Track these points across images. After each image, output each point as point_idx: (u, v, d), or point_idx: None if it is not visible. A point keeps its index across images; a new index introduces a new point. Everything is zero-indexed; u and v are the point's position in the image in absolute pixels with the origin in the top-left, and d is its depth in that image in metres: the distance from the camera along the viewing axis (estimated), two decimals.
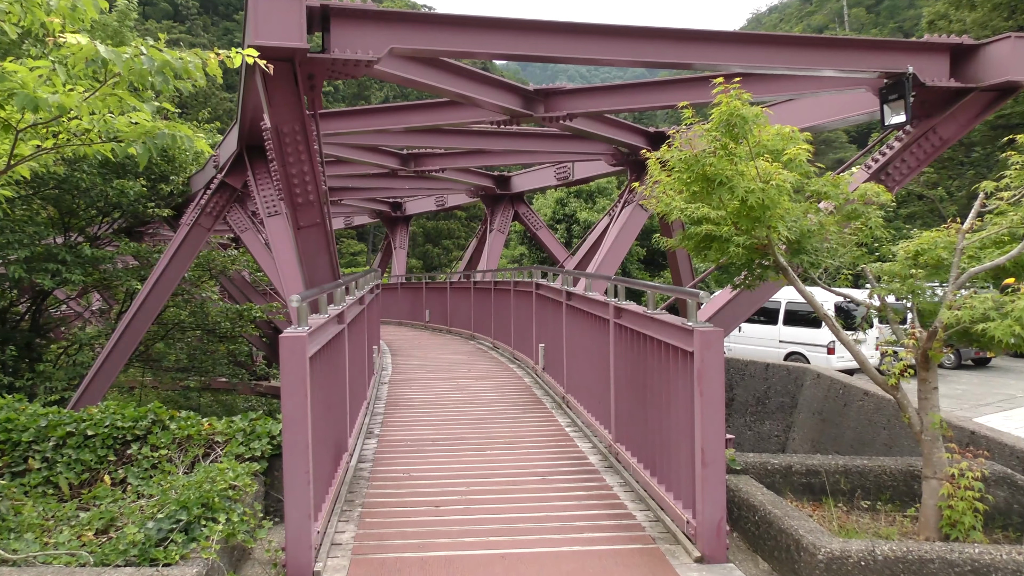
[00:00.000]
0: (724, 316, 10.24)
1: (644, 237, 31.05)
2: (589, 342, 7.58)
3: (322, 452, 5.08)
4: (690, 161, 5.56)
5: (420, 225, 51.87)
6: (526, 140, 14.62)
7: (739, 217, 5.57)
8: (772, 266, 6.01)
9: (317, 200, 8.32)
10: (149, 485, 5.64)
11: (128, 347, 13.26)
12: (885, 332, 16.48)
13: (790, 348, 19.63)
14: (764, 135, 5.61)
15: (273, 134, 7.86)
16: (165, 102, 5.42)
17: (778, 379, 14.37)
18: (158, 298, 13.39)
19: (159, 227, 19.80)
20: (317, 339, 4.96)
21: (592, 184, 35.74)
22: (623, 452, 6.28)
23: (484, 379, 11.01)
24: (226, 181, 13.24)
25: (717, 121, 5.47)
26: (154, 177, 15.39)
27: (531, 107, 10.54)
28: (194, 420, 6.57)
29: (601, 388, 7.09)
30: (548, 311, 9.95)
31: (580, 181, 18.56)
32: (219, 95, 45.99)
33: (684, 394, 4.83)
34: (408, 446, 7.22)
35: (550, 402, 9.16)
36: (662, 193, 6.02)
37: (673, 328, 5.02)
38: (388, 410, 8.92)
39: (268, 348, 21.00)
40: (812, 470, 6.21)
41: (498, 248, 20.25)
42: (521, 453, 6.91)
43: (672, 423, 5.09)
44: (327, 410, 5.41)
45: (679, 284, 15.36)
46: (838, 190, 5.96)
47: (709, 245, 5.96)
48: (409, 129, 12.52)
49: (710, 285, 31.76)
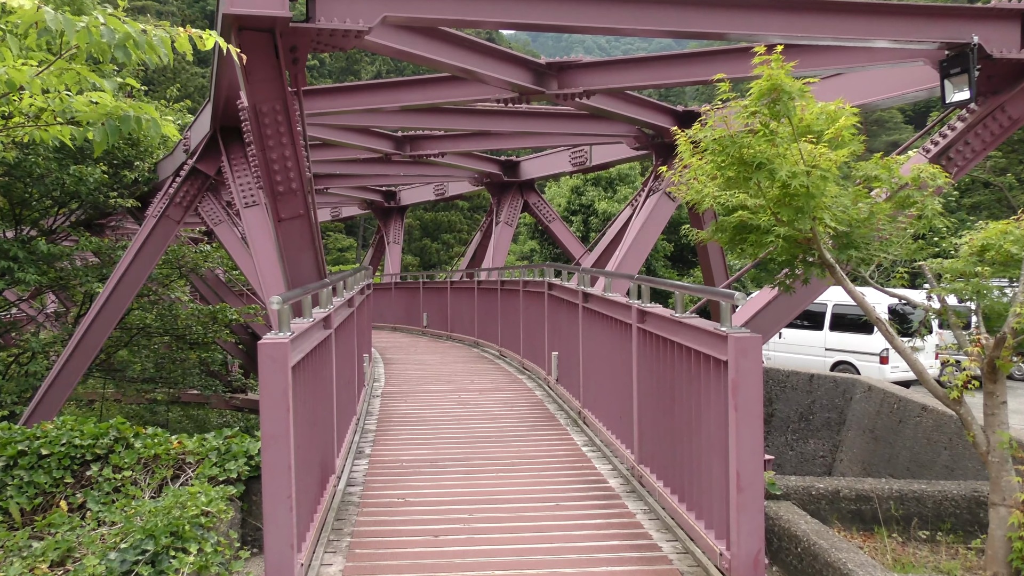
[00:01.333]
0: (762, 320, 10.21)
1: (671, 230, 31.01)
2: (609, 350, 7.57)
3: (306, 474, 5.08)
4: (725, 142, 5.55)
5: (417, 217, 51.91)
6: (537, 120, 14.61)
7: (780, 206, 5.56)
8: (817, 262, 5.99)
9: (301, 189, 8.34)
10: (111, 511, 5.66)
11: (87, 355, 13.31)
12: (946, 338, 16.39)
13: (838, 357, 19.56)
14: (809, 113, 5.59)
15: (251, 114, 7.88)
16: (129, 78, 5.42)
17: (824, 392, 14.33)
18: (121, 300, 13.44)
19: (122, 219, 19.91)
20: (300, 346, 4.97)
21: (612, 170, 35.72)
22: (647, 475, 6.27)
23: (489, 392, 11.01)
24: (198, 167, 13.28)
25: (757, 96, 5.45)
26: (116, 163, 15.46)
27: (543, 83, 10.53)
28: (162, 438, 6.59)
29: (622, 402, 7.08)
30: (562, 315, 9.94)
31: (599, 167, 18.53)
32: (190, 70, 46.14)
33: (717, 409, 4.82)
34: (403, 468, 7.22)
35: (564, 418, 9.15)
36: (692, 179, 6.02)
37: (704, 334, 5.01)
38: (381, 427, 8.93)
39: (245, 356, 21.07)
40: (863, 495, 6.19)
41: (505, 243, 20.25)
42: (531, 476, 6.90)
43: (703, 442, 5.08)
44: (312, 427, 5.42)
45: (711, 284, 15.33)
46: (891, 174, 5.94)
47: (745, 238, 5.94)
48: (405, 108, 12.52)
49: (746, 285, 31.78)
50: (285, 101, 7.78)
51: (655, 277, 6.73)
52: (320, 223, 16.39)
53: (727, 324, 4.76)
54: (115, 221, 19.87)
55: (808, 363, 19.15)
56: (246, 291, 21.57)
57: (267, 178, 8.24)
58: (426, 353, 16.11)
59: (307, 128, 8.73)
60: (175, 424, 20.07)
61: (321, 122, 13.60)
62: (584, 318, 8.61)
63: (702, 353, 5.04)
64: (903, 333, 18.74)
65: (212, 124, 12.14)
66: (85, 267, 15.29)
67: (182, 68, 44.80)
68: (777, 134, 5.49)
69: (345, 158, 18.07)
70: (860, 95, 11.18)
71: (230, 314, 16.33)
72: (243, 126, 9.54)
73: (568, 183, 37.67)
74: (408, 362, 14.60)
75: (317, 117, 12.68)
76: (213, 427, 19.48)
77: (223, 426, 18.15)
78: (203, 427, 19.96)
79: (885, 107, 12.77)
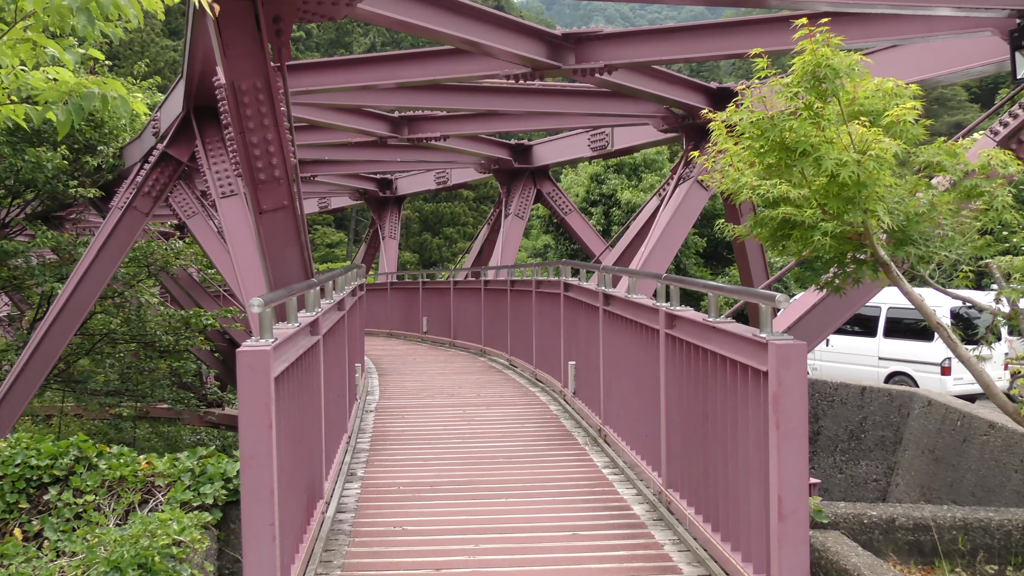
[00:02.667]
0: (807, 325, 10.19)
1: (704, 224, 30.93)
2: (633, 359, 7.56)
3: (291, 499, 5.09)
4: (765, 125, 5.54)
5: (416, 208, 52.02)
6: (552, 99, 14.59)
7: (827, 197, 5.54)
8: (869, 260, 5.97)
9: (285, 176, 8.36)
10: (71, 540, 5.68)
11: (44, 364, 13.36)
12: (1017, 347, 16.31)
13: (893, 367, 19.48)
14: (860, 91, 5.58)
15: (229, 92, 7.89)
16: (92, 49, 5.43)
17: (877, 407, 14.28)
18: (83, 302, 13.48)
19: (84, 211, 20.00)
20: (284, 354, 4.98)
21: (637, 155, 35.65)
22: (676, 500, 6.26)
23: (497, 406, 11.02)
24: (169, 152, 13.31)
25: (800, 73, 5.44)
26: (77, 147, 15.52)
27: (558, 57, 10.52)
28: (128, 458, 6.60)
29: (648, 418, 7.08)
30: (580, 319, 9.94)
31: (622, 152, 18.51)
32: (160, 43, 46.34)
33: (756, 426, 4.81)
34: (400, 492, 7.23)
35: (582, 436, 9.15)
36: (728, 166, 6.01)
37: (742, 341, 5.00)
38: (375, 446, 8.94)
39: (222, 366, 21.13)
40: (921, 524, 6.17)
41: (516, 238, 20.25)
42: (545, 502, 6.90)
43: (740, 463, 5.07)
44: (298, 445, 5.43)
45: (749, 284, 15.30)
46: (955, 160, 5.92)
47: (788, 234, 5.93)
48: (402, 85, 12.54)
49: (789, 286, 31.70)
50: (267, 77, 7.80)
51: (686, 276, 6.73)
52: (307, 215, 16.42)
53: (767, 330, 4.75)
54: (76, 213, 19.97)
55: (859, 374, 19.09)
56: (223, 292, 21.61)
57: (247, 164, 8.26)
58: (426, 363, 16.12)
59: (292, 108, 8.75)
60: (143, 442, 20.14)
61: (308, 101, 13.62)
62: (605, 323, 8.60)
63: (739, 363, 5.02)
64: (968, 340, 18.62)
65: (185, 103, 12.16)
66: (42, 265, 15.38)
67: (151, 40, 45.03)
68: (823, 116, 5.47)
69: (335, 142, 18.10)
70: (918, 70, 11.14)
71: (205, 319, 16.37)
72: (220, 106, 9.57)
73: (587, 170, 37.64)
74: (406, 373, 14.61)
75: (304, 96, 12.70)
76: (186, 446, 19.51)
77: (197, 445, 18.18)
78: (175, 446, 20.01)
79: (947, 84, 12.72)
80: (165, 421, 20.49)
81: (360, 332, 12.11)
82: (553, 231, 38.92)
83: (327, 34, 62.62)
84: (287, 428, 5.00)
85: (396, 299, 22.52)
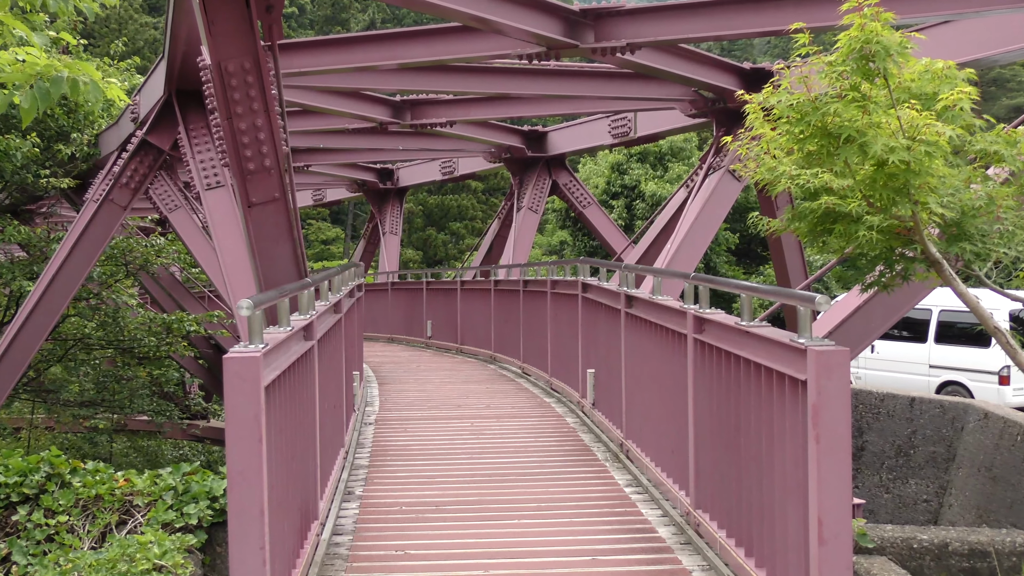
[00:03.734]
0: (851, 330, 10.17)
1: (736, 218, 30.89)
2: (658, 366, 7.56)
3: (283, 520, 5.11)
4: (805, 108, 5.53)
5: (420, 202, 52.08)
6: (569, 81, 14.58)
7: (874, 187, 5.53)
8: (919, 258, 5.96)
9: (275, 166, 8.38)
10: (42, 565, 5.71)
11: (12, 372, 13.42)
12: None
13: (945, 376, 19.41)
14: (908, 72, 5.56)
15: (214, 74, 7.92)
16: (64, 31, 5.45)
17: (928, 420, 14.24)
18: (55, 304, 13.53)
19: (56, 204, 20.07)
20: (276, 361, 4.99)
21: (663, 143, 35.60)
22: (706, 522, 6.25)
23: (509, 419, 11.02)
24: (149, 140, 13.35)
25: (846, 51, 5.43)
26: (49, 134, 15.59)
27: (576, 35, 10.52)
28: (105, 475, 6.63)
29: (675, 432, 7.07)
30: (600, 323, 9.94)
31: (646, 139, 18.49)
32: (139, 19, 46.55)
33: (793, 440, 4.80)
34: (403, 513, 7.24)
35: (602, 451, 9.15)
36: (763, 154, 6.00)
37: (778, 346, 4.99)
38: (375, 462, 8.96)
39: (207, 374, 21.20)
40: (978, 550, 6.15)
41: (529, 234, 20.25)
42: (562, 524, 6.90)
43: (776, 482, 5.06)
44: (290, 461, 5.45)
45: (786, 284, 15.27)
46: (1014, 149, 5.90)
47: (830, 228, 5.92)
48: (404, 66, 12.54)
49: (830, 286, 31.62)
50: (256, 57, 7.82)
51: (716, 276, 6.73)
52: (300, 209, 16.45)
53: (806, 335, 4.74)
54: (47, 206, 20.04)
55: (908, 383, 19.03)
56: (208, 294, 21.68)
57: (234, 153, 8.28)
58: (431, 370, 16.14)
59: (284, 91, 8.77)
60: (121, 458, 20.20)
61: (301, 84, 13.65)
62: (627, 327, 8.60)
63: (775, 371, 5.02)
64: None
65: (167, 87, 12.20)
66: (11, 263, 15.45)
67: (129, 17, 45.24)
68: (871, 99, 5.46)
69: (331, 128, 18.12)
70: (974, 48, 11.10)
71: (188, 323, 16.41)
72: (205, 89, 9.58)
73: (608, 159, 37.60)
74: (408, 381, 14.63)
75: (296, 78, 12.73)
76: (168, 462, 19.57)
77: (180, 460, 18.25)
78: (155, 461, 20.08)
79: (1005, 63, 12.68)
80: (145, 434, 20.55)
81: (358, 337, 12.13)
82: (570, 226, 38.90)
83: (322, 10, 62.76)
84: (279, 442, 5.02)
85: (398, 301, 22.54)
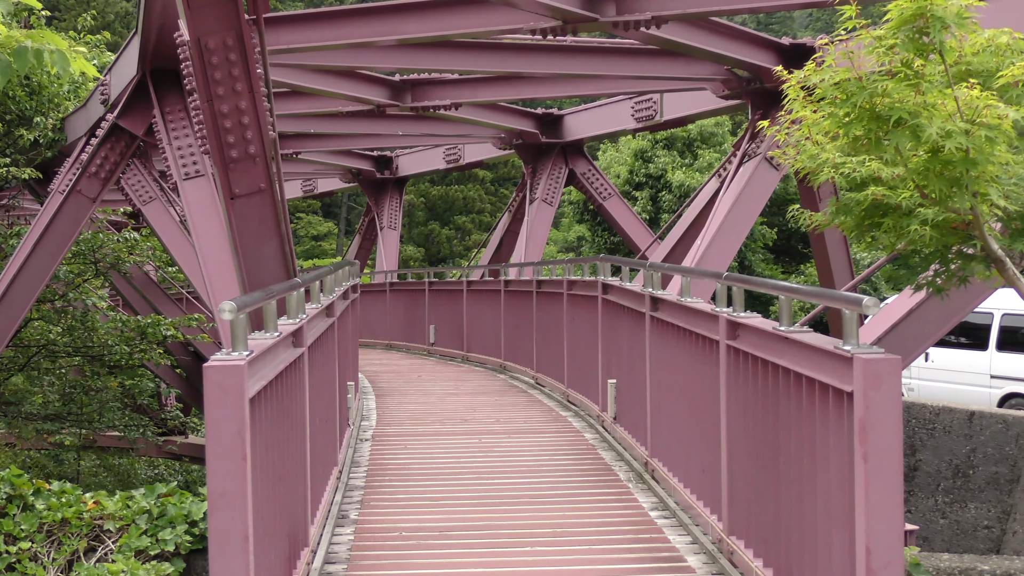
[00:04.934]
0: (902, 336, 10.14)
1: (774, 211, 30.88)
2: (687, 376, 7.54)
3: (270, 547, 5.11)
4: (851, 88, 5.51)
5: (421, 193, 52.13)
6: (588, 59, 14.58)
7: (928, 177, 5.51)
8: (979, 255, 5.93)
9: (261, 154, 8.39)
10: None
11: None
12: None
13: (1008, 387, 19.36)
14: (967, 47, 5.54)
15: (193, 51, 7.93)
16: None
17: (990, 436, 14.20)
18: (16, 307, 13.57)
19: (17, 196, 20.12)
20: (262, 371, 4.99)
21: (692, 127, 35.59)
22: (740, 550, 6.24)
23: (521, 434, 11.03)
24: (120, 124, 13.37)
25: (897, 23, 5.41)
26: (10, 118, 15.63)
27: (596, 7, 10.52)
28: (72, 496, 6.64)
29: (706, 450, 7.05)
30: (622, 328, 9.93)
31: (673, 123, 18.48)
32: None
33: (838, 459, 4.78)
34: (402, 539, 7.24)
35: (625, 471, 9.14)
36: (805, 139, 5.98)
37: (820, 354, 4.97)
38: (371, 483, 8.96)
39: (185, 385, 21.24)
40: None
41: (543, 229, 20.25)
42: (580, 551, 6.90)
43: (818, 506, 5.05)
44: (277, 482, 5.45)
45: (829, 285, 15.24)
46: None
47: (878, 222, 5.90)
48: (404, 42, 12.56)
49: (879, 287, 31.56)
50: (240, 33, 7.83)
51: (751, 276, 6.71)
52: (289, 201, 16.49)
53: (852, 341, 4.73)
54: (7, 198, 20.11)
55: (967, 396, 18.96)
56: (186, 295, 21.72)
57: (215, 139, 8.29)
58: (433, 381, 16.16)
59: (271, 71, 8.78)
60: (89, 477, 20.26)
61: (290, 62, 13.68)
62: (653, 332, 8.58)
63: (817, 381, 5.00)
64: None
65: (140, 65, 12.22)
66: None
67: None
68: (924, 77, 5.44)
69: (323, 111, 18.15)
70: None
71: (164, 327, 16.44)
72: (183, 68, 9.57)
73: (631, 145, 37.60)
74: (409, 393, 14.65)
75: (285, 55, 12.75)
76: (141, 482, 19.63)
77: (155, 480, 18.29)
78: (128, 482, 20.12)
79: None
80: (116, 452, 20.59)
81: (354, 343, 12.14)
82: (589, 220, 38.91)
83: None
84: (265, 460, 5.02)
85: (397, 303, 22.57)
